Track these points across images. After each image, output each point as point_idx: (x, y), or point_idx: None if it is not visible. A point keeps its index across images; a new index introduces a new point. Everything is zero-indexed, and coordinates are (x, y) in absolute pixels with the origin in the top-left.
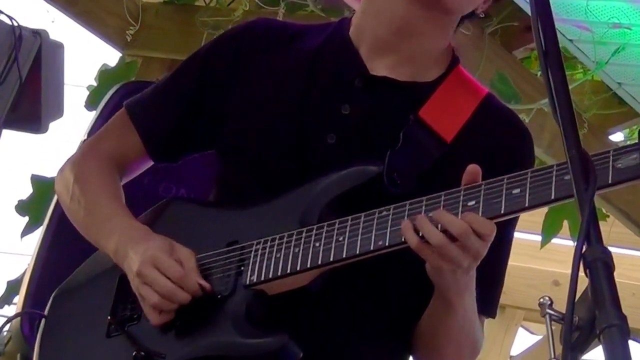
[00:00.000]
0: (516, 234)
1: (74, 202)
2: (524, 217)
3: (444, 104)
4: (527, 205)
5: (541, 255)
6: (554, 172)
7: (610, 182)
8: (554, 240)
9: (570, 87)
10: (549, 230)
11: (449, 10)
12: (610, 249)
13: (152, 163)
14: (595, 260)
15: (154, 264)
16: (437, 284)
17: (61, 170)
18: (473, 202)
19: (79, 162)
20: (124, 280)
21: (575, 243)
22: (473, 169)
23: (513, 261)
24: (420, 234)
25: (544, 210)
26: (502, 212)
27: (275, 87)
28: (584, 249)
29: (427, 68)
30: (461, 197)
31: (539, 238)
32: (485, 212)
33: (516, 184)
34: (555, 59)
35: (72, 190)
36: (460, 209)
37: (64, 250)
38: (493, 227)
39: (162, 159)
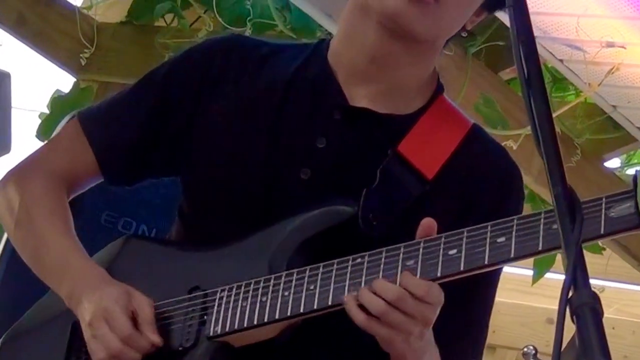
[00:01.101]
0: (506, 268)
1: (20, 229)
2: None
3: (424, 138)
4: (486, 262)
5: (533, 290)
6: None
7: (602, 232)
8: (547, 275)
9: (561, 110)
10: (541, 264)
11: (419, 39)
12: (608, 284)
13: (102, 179)
14: (582, 305)
15: (105, 317)
16: (391, 353)
17: (3, 185)
18: (455, 251)
19: (26, 179)
20: (78, 328)
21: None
22: (428, 223)
23: (503, 297)
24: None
25: None
26: (486, 262)
27: (245, 113)
28: (570, 294)
29: (409, 98)
30: (442, 245)
31: (530, 272)
32: (466, 262)
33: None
34: (538, 86)
35: (17, 214)
36: (440, 258)
37: (17, 290)
38: (427, 289)
39: (118, 182)
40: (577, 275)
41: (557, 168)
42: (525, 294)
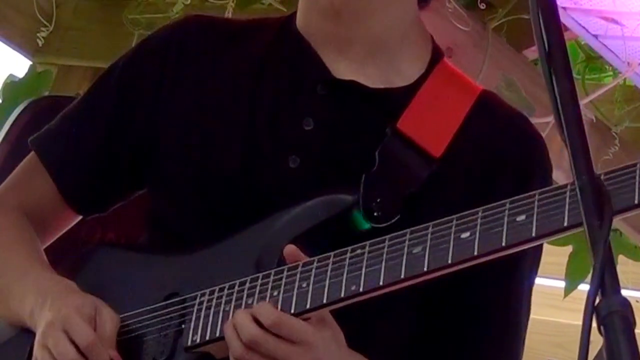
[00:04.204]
0: (535, 280)
1: None
2: (543, 258)
3: (427, 110)
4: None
5: (568, 305)
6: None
7: (636, 202)
8: (582, 287)
9: (596, 94)
10: (574, 275)
11: None
12: None
13: (78, 217)
14: (611, 314)
15: (63, 325)
16: None
17: None
18: (467, 234)
19: None
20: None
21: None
22: (290, 251)
23: (532, 313)
24: None
25: (567, 249)
26: (504, 244)
27: (216, 101)
28: (597, 301)
29: (401, 65)
30: (453, 227)
31: (562, 284)
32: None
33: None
34: (561, 62)
35: None
36: (452, 241)
37: None
38: (277, 320)
39: (87, 208)
40: (606, 280)
41: (582, 155)
42: (558, 309)
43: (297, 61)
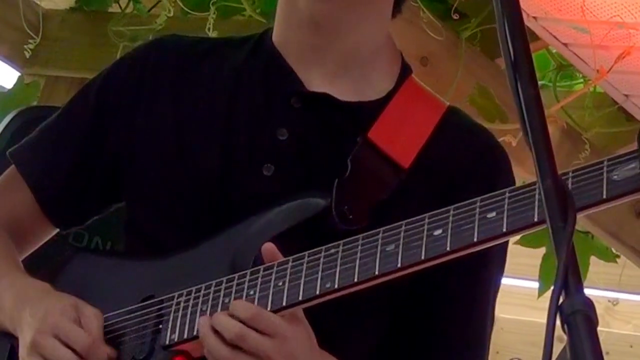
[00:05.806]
0: (510, 281)
1: None
2: (518, 260)
3: (397, 123)
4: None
5: (541, 305)
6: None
7: (604, 196)
8: None
9: (567, 100)
10: (548, 275)
11: None
12: (622, 295)
13: (56, 229)
14: (574, 313)
15: (54, 333)
16: None
17: None
18: (440, 231)
19: None
20: (16, 352)
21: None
22: (269, 248)
23: (507, 313)
24: None
25: (541, 251)
26: (475, 239)
27: (192, 113)
28: (560, 300)
29: (372, 79)
30: (425, 225)
31: (536, 285)
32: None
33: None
34: (526, 69)
35: None
36: (425, 238)
37: None
38: (249, 309)
39: (66, 220)
40: (569, 280)
41: (546, 159)
42: (532, 309)
43: (272, 74)
